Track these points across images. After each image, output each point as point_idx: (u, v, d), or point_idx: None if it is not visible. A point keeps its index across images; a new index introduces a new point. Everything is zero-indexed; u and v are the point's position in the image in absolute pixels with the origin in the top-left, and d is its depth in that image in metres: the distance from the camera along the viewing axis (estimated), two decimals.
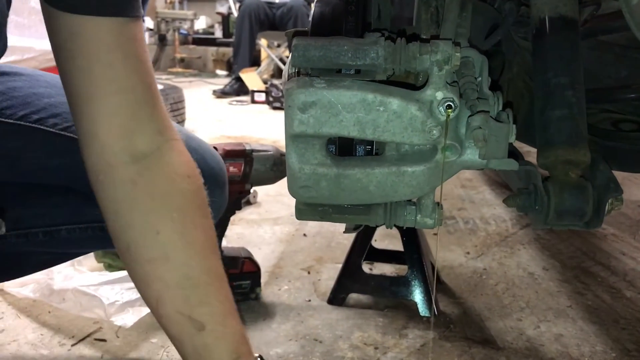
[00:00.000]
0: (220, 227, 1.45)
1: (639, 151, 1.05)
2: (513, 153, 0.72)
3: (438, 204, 0.67)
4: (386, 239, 1.82)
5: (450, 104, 0.57)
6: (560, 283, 1.58)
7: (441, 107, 0.57)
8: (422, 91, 0.59)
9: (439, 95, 0.58)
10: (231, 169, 1.35)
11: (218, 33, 7.94)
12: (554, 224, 0.75)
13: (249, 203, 2.19)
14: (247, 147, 1.37)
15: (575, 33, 0.76)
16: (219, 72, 7.31)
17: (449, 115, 0.56)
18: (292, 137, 0.60)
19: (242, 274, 1.41)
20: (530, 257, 1.77)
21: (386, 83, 0.60)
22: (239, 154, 1.35)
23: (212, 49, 7.68)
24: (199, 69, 7.57)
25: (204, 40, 7.83)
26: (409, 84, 0.63)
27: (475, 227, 2.02)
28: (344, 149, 0.66)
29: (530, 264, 1.71)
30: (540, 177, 0.74)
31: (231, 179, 1.37)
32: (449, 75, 0.59)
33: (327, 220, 0.67)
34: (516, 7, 0.79)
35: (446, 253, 1.77)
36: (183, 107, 3.58)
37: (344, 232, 1.10)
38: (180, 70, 7.32)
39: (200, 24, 8.07)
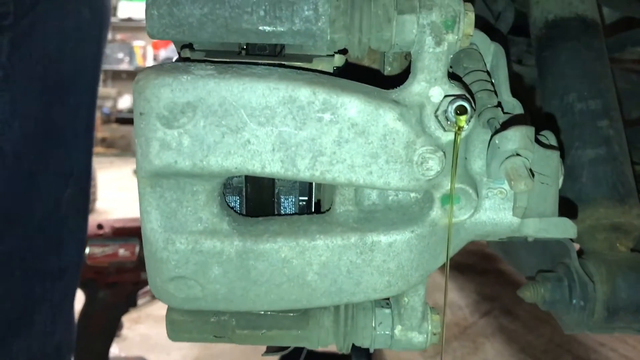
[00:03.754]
0: (108, 331, 1.09)
1: None
2: None
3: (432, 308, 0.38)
4: None
5: (464, 105, 0.29)
6: None
7: (442, 115, 0.30)
8: (405, 87, 0.31)
9: (437, 92, 0.30)
10: (121, 251, 1.02)
11: None
12: (602, 327, 0.47)
13: None
14: None
15: (599, 39, 0.53)
16: None
17: (460, 129, 0.29)
18: (150, 177, 0.31)
19: None
20: (497, 352, 1.49)
21: (335, 75, 0.32)
22: (133, 232, 1.03)
23: None
24: (122, 149, 7.30)
25: (128, 119, 7.62)
26: (376, 73, 0.35)
27: None
28: (256, 201, 0.36)
29: None
30: (575, 253, 0.47)
31: (122, 266, 1.04)
32: (448, 59, 0.32)
33: (229, 342, 0.36)
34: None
35: (399, 353, 1.46)
36: (94, 186, 3.24)
37: (264, 355, 0.73)
38: (101, 150, 7.02)
39: (125, 102, 7.85)
